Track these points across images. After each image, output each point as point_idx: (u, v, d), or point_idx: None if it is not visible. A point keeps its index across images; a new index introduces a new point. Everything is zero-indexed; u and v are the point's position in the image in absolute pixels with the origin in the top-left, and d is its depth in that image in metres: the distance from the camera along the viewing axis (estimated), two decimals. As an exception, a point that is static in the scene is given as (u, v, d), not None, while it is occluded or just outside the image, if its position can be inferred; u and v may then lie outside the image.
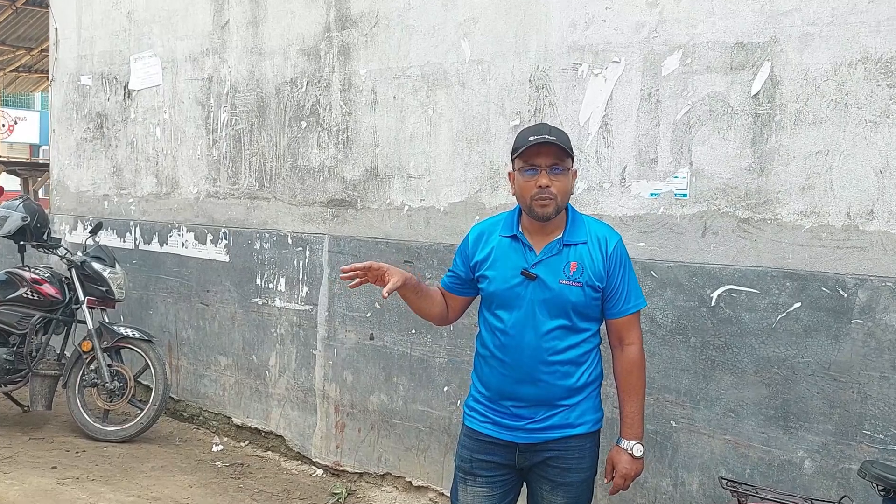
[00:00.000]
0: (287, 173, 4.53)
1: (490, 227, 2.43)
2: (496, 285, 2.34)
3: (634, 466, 2.36)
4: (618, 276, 2.32)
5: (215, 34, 4.91)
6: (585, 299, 2.29)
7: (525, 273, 2.29)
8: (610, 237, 2.35)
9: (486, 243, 2.39)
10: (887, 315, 2.57)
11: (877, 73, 2.58)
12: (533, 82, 3.42)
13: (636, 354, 2.38)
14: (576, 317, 2.30)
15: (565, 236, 2.32)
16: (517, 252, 2.33)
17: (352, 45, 4.14)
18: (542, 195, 2.24)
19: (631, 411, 2.37)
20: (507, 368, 2.33)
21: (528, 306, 2.29)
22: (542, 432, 2.33)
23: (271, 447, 4.70)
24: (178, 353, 5.29)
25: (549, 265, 2.29)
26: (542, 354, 2.29)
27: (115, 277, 5.00)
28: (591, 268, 2.29)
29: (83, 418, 4.91)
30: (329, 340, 4.31)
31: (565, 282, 2.27)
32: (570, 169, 2.30)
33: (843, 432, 2.67)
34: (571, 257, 2.30)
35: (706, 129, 2.94)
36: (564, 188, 2.27)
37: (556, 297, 2.28)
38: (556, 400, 2.32)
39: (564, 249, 2.30)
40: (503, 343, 2.33)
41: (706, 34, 2.92)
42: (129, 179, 5.64)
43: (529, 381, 2.31)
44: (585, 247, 2.31)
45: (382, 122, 4.03)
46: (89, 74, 5.93)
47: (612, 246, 2.33)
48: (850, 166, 2.65)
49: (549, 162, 2.24)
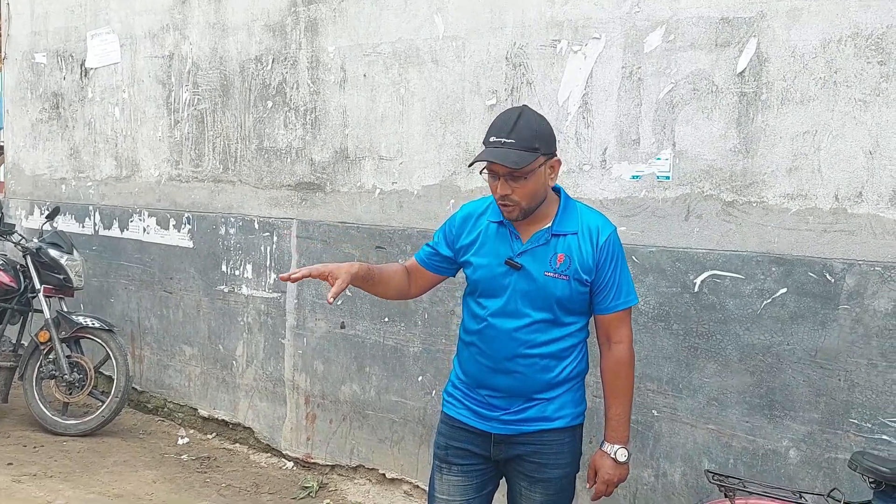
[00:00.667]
0: (253, 155, 4.34)
1: (480, 210, 2.31)
2: (480, 273, 2.23)
3: (618, 472, 2.24)
4: (608, 269, 2.19)
5: (176, 9, 4.69)
6: (571, 293, 2.17)
7: (509, 262, 2.18)
8: (603, 228, 2.20)
9: (475, 227, 2.28)
10: (875, 301, 2.49)
11: (867, 49, 2.49)
12: (510, 60, 3.28)
13: (625, 354, 2.25)
14: (560, 311, 2.19)
15: (554, 225, 2.19)
16: (504, 239, 2.22)
17: (319, 20, 3.96)
18: (504, 203, 2.13)
19: (616, 413, 2.25)
20: (484, 357, 2.25)
21: (511, 296, 2.19)
22: (518, 424, 2.24)
23: (239, 439, 4.55)
24: (141, 342, 5.10)
25: (535, 255, 2.18)
26: (521, 347, 2.19)
27: (72, 265, 4.79)
28: (580, 260, 2.16)
29: (41, 412, 4.71)
30: (298, 329, 4.16)
31: (550, 274, 2.16)
32: (536, 169, 2.10)
33: (830, 421, 2.60)
34: (559, 248, 2.17)
35: (690, 109, 2.83)
36: (528, 192, 2.11)
37: (539, 290, 2.17)
38: (532, 393, 2.22)
39: (552, 240, 2.18)
40: (482, 331, 2.24)
41: (690, 9, 2.80)
42: (87, 162, 5.41)
43: (505, 372, 2.22)
44: (575, 238, 2.18)
45: (352, 102, 3.86)
46: (44, 52, 5.66)
47: (603, 237, 2.18)
48: (838, 147, 2.55)
49: (505, 171, 2.08)
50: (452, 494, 2.32)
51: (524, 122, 2.10)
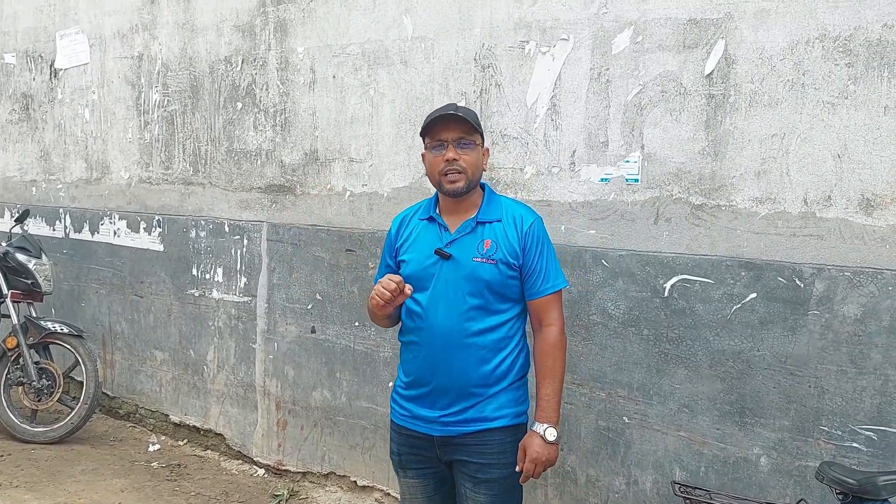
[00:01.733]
0: (223, 157, 4.27)
1: (410, 213, 2.45)
2: (412, 267, 2.32)
3: (546, 451, 2.25)
4: (534, 254, 2.28)
5: (145, 9, 4.60)
6: (500, 277, 2.24)
7: (438, 252, 2.27)
8: (526, 215, 2.31)
9: (407, 228, 2.41)
10: (845, 306, 2.46)
11: (835, 51, 2.45)
12: (478, 61, 3.22)
13: (555, 336, 2.31)
14: (491, 295, 2.25)
15: (479, 214, 2.30)
16: (433, 233, 2.33)
17: (289, 21, 3.89)
18: (451, 169, 2.23)
19: (546, 394, 2.29)
20: (422, 352, 2.30)
21: (443, 286, 2.26)
22: (458, 426, 2.27)
23: (211, 446, 4.48)
24: (112, 347, 5.01)
25: (462, 243, 2.27)
26: (457, 336, 2.24)
27: (41, 269, 4.70)
28: (506, 245, 2.26)
29: (9, 419, 4.62)
30: (269, 334, 4.09)
31: (479, 259, 2.24)
32: (479, 145, 2.29)
33: (800, 428, 2.56)
34: (486, 235, 2.27)
35: (658, 111, 2.78)
36: (473, 162, 2.26)
37: (470, 275, 2.24)
38: (471, 387, 2.25)
39: (478, 227, 2.28)
40: (419, 326, 2.30)
41: (658, 10, 2.75)
42: (57, 164, 5.31)
43: (444, 366, 2.26)
44: (500, 224, 2.28)
45: (322, 103, 3.80)
46: (13, 52, 5.55)
47: (527, 224, 2.29)
48: (806, 150, 2.52)
49: (455, 136, 2.24)
50: (414, 496, 2.43)
51: (464, 108, 2.32)
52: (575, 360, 2.99)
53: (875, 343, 2.41)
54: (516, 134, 3.12)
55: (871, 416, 2.43)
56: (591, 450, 2.99)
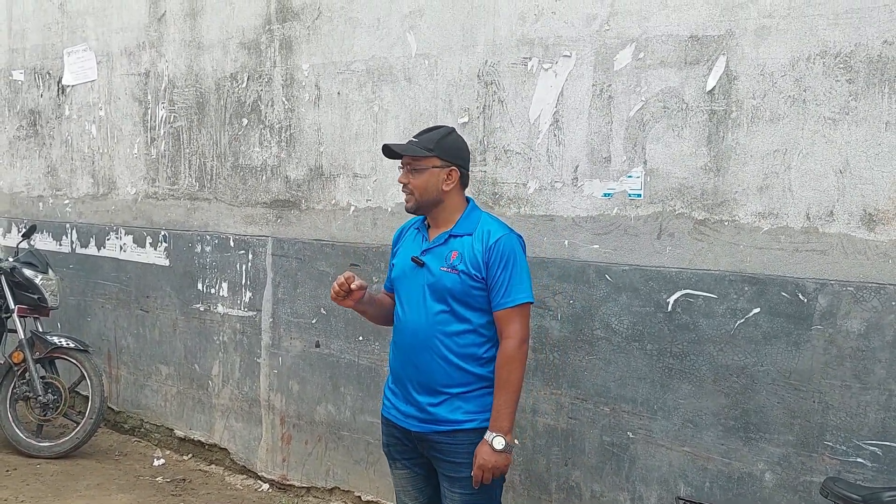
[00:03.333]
0: (228, 173, 4.30)
1: (410, 224, 2.66)
2: (396, 271, 2.57)
3: (493, 458, 2.36)
4: (497, 269, 2.40)
5: (152, 27, 4.65)
6: (462, 287, 2.41)
7: (414, 259, 2.49)
8: (494, 231, 2.45)
9: (404, 237, 2.64)
10: (848, 321, 2.46)
11: (836, 67, 2.46)
12: (481, 77, 3.25)
13: (511, 349, 2.41)
14: (455, 303, 2.42)
15: (454, 229, 2.49)
16: (416, 242, 2.56)
17: (294, 38, 3.93)
18: (404, 191, 2.50)
19: (499, 404, 2.41)
20: (401, 350, 2.52)
21: (418, 290, 2.47)
22: (430, 423, 2.45)
23: (215, 460, 4.48)
24: (117, 361, 5.03)
25: (435, 253, 2.48)
26: (424, 336, 2.44)
27: (48, 284, 4.73)
28: (470, 257, 2.42)
29: (15, 433, 4.64)
30: (274, 348, 4.11)
31: (445, 269, 2.43)
32: (428, 167, 2.45)
33: (805, 443, 2.55)
34: (454, 247, 2.45)
35: (660, 127, 2.80)
36: (420, 184, 2.45)
37: (436, 283, 2.44)
38: (436, 385, 2.43)
39: (450, 240, 2.47)
40: (397, 326, 2.55)
41: (659, 27, 2.78)
42: (64, 180, 5.35)
43: (413, 363, 2.47)
44: (469, 238, 2.45)
45: (327, 119, 3.83)
46: (21, 69, 5.62)
47: (493, 239, 2.42)
48: (809, 165, 2.53)
49: (407, 160, 2.49)
50: (405, 487, 2.61)
51: (437, 133, 2.50)
52: (579, 374, 3.00)
53: (878, 358, 2.41)
54: (519, 149, 3.14)
55: (876, 431, 2.42)
56: (596, 465, 2.99)
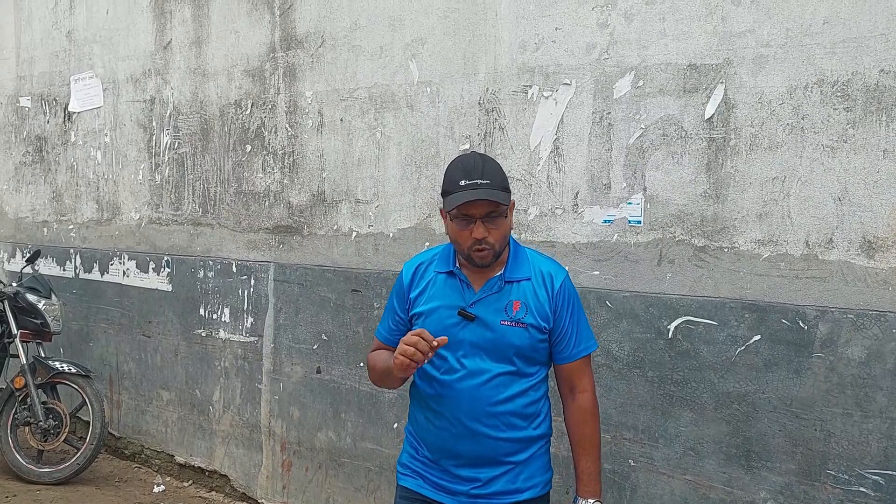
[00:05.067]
0: (231, 198, 4.33)
1: (425, 262, 2.22)
2: (431, 326, 2.07)
3: None
4: (566, 316, 2.12)
5: (157, 54, 4.71)
6: (531, 342, 2.08)
7: (462, 313, 2.07)
8: (556, 273, 2.15)
9: (423, 277, 2.18)
10: (849, 349, 2.45)
11: (833, 96, 2.48)
12: (483, 105, 3.28)
13: (590, 402, 2.17)
14: (521, 361, 2.09)
15: (507, 272, 2.11)
16: (454, 290, 2.12)
17: (297, 66, 3.97)
18: (479, 246, 2.02)
19: (587, 466, 2.15)
20: (444, 421, 2.11)
21: (470, 350, 2.07)
22: (488, 498, 2.11)
23: (216, 487, 4.45)
24: (119, 387, 5.03)
25: (489, 304, 2.08)
26: (483, 405, 2.06)
27: (50, 309, 4.74)
28: (536, 307, 2.09)
29: (15, 459, 4.62)
30: (275, 374, 4.10)
31: (507, 322, 2.07)
32: (508, 207, 2.06)
33: (807, 472, 2.53)
34: (514, 295, 2.09)
35: (660, 154, 2.81)
36: (503, 233, 2.05)
37: (498, 340, 2.06)
38: (500, 456, 2.09)
39: (506, 287, 2.10)
40: (440, 393, 2.11)
41: (658, 56, 2.80)
42: (69, 205, 5.39)
43: (469, 436, 2.08)
44: (529, 283, 2.11)
45: (329, 146, 3.86)
46: (28, 96, 5.68)
47: (558, 283, 2.13)
48: (808, 193, 2.54)
49: (484, 212, 2.00)
50: None
51: (490, 164, 2.06)
52: (580, 401, 2.98)
53: (880, 386, 2.40)
54: (520, 176, 3.16)
55: (878, 460, 2.41)
56: (597, 493, 2.96)
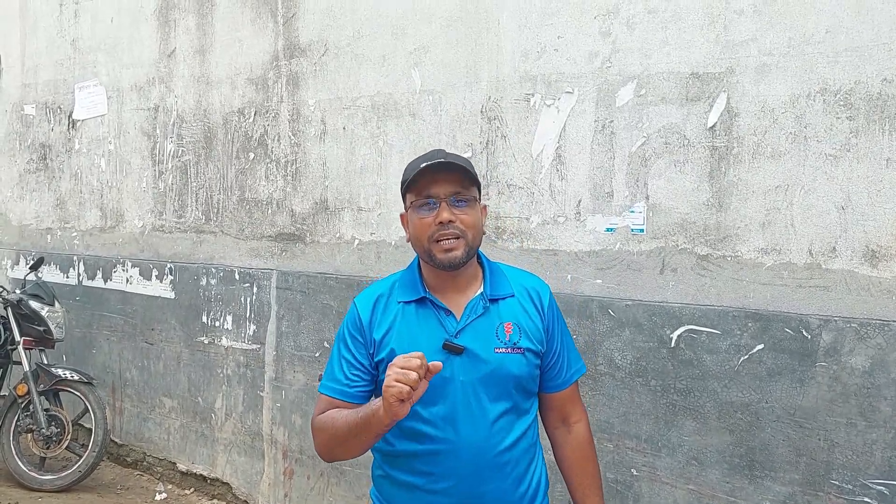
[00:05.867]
0: (234, 206, 4.33)
1: (384, 293, 1.82)
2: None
3: None
4: (557, 335, 1.86)
5: (161, 63, 4.73)
6: (529, 369, 1.77)
7: (448, 346, 1.70)
8: (541, 288, 1.88)
9: (385, 313, 1.79)
10: (853, 358, 2.44)
11: (836, 105, 2.48)
12: (485, 113, 3.28)
13: (587, 433, 1.93)
14: (519, 395, 1.77)
15: (488, 289, 1.79)
16: (430, 319, 1.75)
17: (300, 74, 3.99)
18: (445, 234, 1.70)
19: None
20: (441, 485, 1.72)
21: (462, 391, 1.71)
22: None
23: (217, 495, 4.44)
24: (121, 394, 5.02)
25: (476, 330, 1.74)
26: (489, 455, 1.71)
27: (53, 316, 4.75)
28: (529, 328, 1.79)
29: (17, 466, 4.62)
30: (277, 381, 4.10)
31: (502, 349, 1.74)
32: (478, 201, 1.79)
33: (811, 482, 2.52)
34: (504, 316, 1.78)
35: (662, 163, 2.81)
36: (473, 222, 1.74)
37: (494, 372, 1.73)
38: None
39: (492, 307, 1.78)
40: (433, 450, 1.71)
41: (660, 64, 2.80)
42: (72, 212, 5.40)
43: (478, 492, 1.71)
44: (515, 301, 1.81)
45: (332, 154, 3.86)
46: (33, 104, 5.70)
47: (546, 298, 1.85)
48: (811, 202, 2.53)
49: (450, 190, 1.72)
50: None
51: (454, 154, 1.83)
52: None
53: (884, 395, 2.39)
54: (522, 184, 3.16)
55: (883, 470, 2.39)
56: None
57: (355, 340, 1.80)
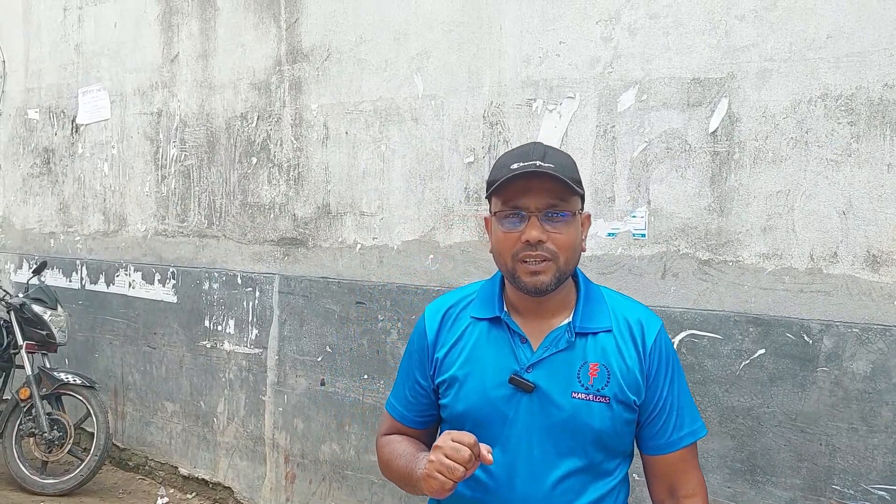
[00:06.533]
0: (237, 210, 4.34)
1: (457, 304, 1.59)
2: (469, 400, 1.49)
3: None
4: (664, 384, 1.49)
5: (165, 67, 4.74)
6: (614, 424, 1.46)
7: (516, 381, 1.45)
8: (649, 323, 1.51)
9: (452, 328, 1.56)
10: (854, 363, 2.44)
11: (837, 110, 2.49)
12: (487, 118, 3.29)
13: None
14: (599, 453, 1.47)
15: (578, 320, 1.49)
16: (502, 345, 1.50)
17: (303, 79, 4.00)
18: (532, 255, 1.42)
19: None
20: None
21: (524, 437, 1.46)
22: None
23: (219, 499, 4.45)
24: (124, 398, 5.03)
25: (553, 368, 1.46)
26: None
27: (56, 320, 4.76)
28: (623, 372, 1.47)
29: (20, 470, 4.62)
30: (279, 386, 4.10)
31: (581, 395, 1.45)
32: (578, 213, 1.47)
33: (812, 487, 2.52)
34: (590, 355, 1.47)
35: (664, 168, 2.82)
36: (569, 243, 1.43)
37: (568, 422, 1.45)
38: None
39: (578, 342, 1.48)
40: (479, 499, 1.49)
41: (662, 70, 2.81)
42: (75, 216, 5.42)
43: None
44: (611, 337, 1.49)
45: (334, 158, 3.87)
46: (36, 108, 5.72)
47: (651, 336, 1.49)
48: (812, 207, 2.53)
49: (544, 203, 1.42)
50: None
51: (556, 151, 1.49)
52: (584, 415, 2.97)
53: (885, 401, 2.39)
54: (524, 189, 3.16)
55: (884, 475, 2.39)
56: (601, 507, 2.95)
57: (420, 357, 1.60)
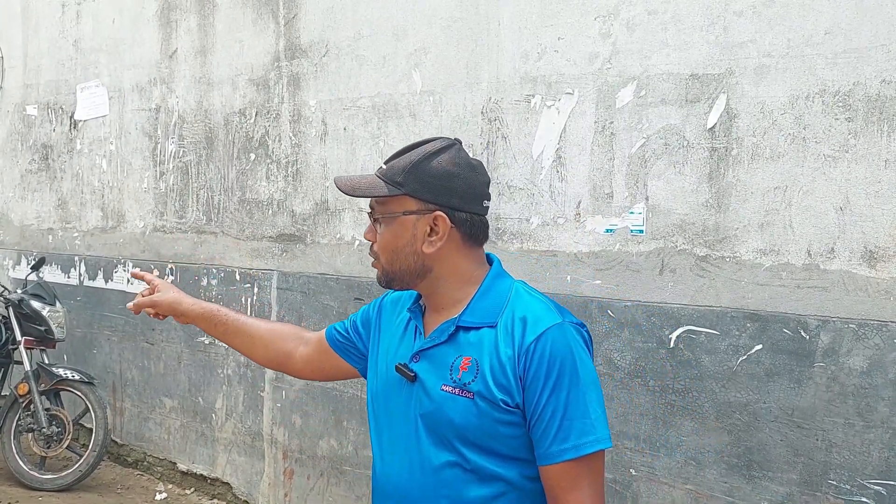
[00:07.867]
0: (235, 207, 4.35)
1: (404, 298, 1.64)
2: (373, 382, 1.57)
3: None
4: (543, 389, 1.35)
5: (163, 63, 4.74)
6: (480, 421, 1.37)
7: (400, 369, 1.45)
8: (534, 321, 1.39)
9: (392, 315, 1.62)
10: (850, 358, 2.45)
11: (835, 106, 2.49)
12: (485, 114, 3.29)
13: None
14: (467, 449, 1.38)
15: (464, 314, 1.44)
16: (405, 335, 1.53)
17: (301, 75, 4.00)
18: (370, 254, 1.54)
19: None
20: None
21: (411, 423, 1.44)
22: None
23: (217, 495, 4.45)
24: (122, 394, 5.03)
25: (433, 359, 1.44)
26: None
27: (54, 316, 4.76)
28: (494, 369, 1.37)
29: (18, 466, 4.63)
30: (277, 382, 4.11)
31: (449, 389, 1.39)
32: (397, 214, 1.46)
33: (808, 482, 2.53)
34: (465, 349, 1.41)
35: (662, 164, 2.82)
36: (386, 244, 1.47)
37: (433, 414, 1.41)
38: None
39: (460, 336, 1.43)
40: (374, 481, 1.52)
41: (660, 66, 2.82)
42: (74, 213, 5.42)
43: None
44: (492, 333, 1.41)
45: (333, 154, 3.88)
46: (35, 104, 5.72)
47: (532, 335, 1.37)
48: (809, 203, 2.54)
49: (370, 206, 1.52)
50: None
51: (415, 154, 1.50)
52: (581, 410, 2.98)
53: (882, 396, 2.39)
54: (522, 185, 3.17)
55: (880, 470, 2.40)
56: (599, 503, 2.96)
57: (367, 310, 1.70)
